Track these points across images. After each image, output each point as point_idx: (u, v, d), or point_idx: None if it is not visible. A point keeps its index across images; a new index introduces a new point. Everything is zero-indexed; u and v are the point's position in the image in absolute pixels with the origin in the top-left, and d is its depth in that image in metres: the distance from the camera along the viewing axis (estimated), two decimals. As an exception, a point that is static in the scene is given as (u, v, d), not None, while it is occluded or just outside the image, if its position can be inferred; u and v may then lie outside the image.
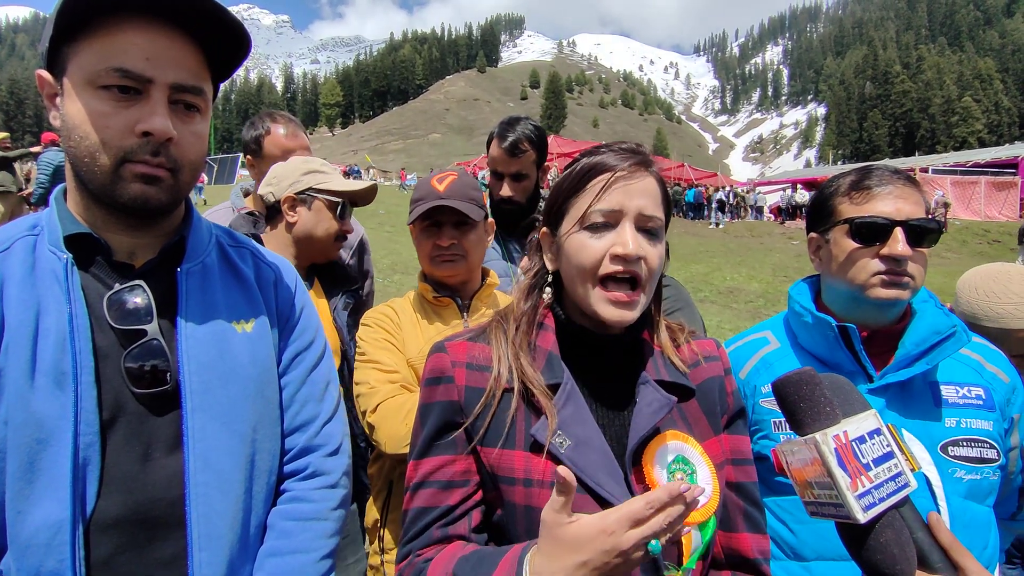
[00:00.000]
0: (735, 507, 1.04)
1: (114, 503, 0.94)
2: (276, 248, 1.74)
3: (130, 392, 0.97)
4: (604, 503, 0.89)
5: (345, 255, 2.35)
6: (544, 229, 1.07)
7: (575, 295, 1.00)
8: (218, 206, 2.56)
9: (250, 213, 2.34)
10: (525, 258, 1.14)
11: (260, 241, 1.70)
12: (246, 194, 2.46)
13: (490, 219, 1.79)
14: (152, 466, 0.97)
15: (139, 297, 1.00)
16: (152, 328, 1.00)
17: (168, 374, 1.00)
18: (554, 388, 0.97)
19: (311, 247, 1.83)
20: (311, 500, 1.13)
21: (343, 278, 1.94)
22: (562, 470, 0.77)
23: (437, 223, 1.64)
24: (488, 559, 0.87)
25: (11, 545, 0.89)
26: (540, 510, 0.85)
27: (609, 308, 0.95)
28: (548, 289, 1.07)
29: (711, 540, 0.96)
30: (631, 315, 0.95)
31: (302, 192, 1.80)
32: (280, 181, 1.83)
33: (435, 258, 1.64)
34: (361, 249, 2.48)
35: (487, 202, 2.24)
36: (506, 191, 2.25)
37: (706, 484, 0.94)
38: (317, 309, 1.86)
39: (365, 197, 1.92)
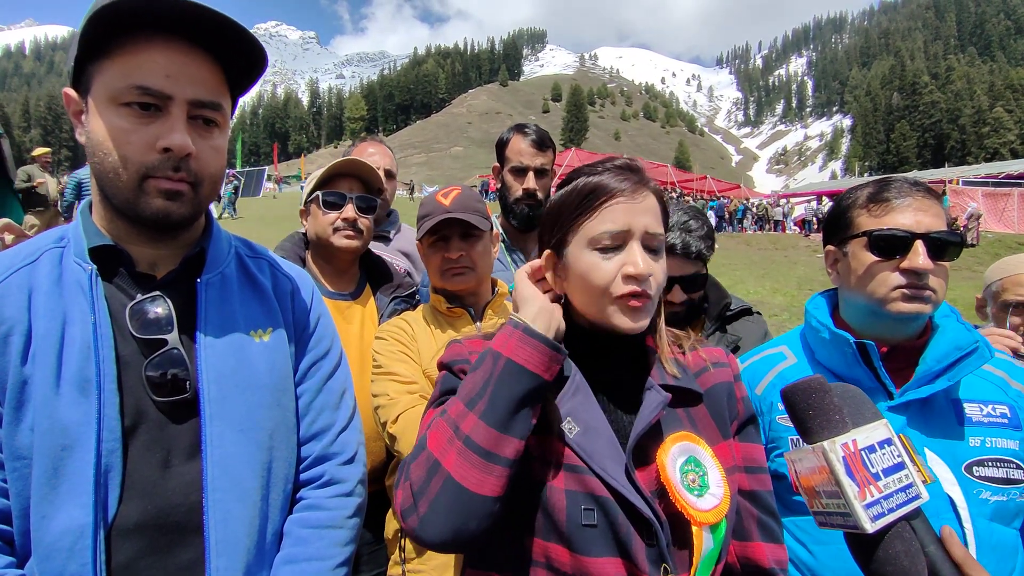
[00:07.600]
0: (749, 516, 1.03)
1: (135, 508, 0.96)
2: (309, 262, 1.95)
3: (151, 400, 1.00)
4: (610, 488, 0.92)
5: (404, 262, 2.47)
6: (548, 251, 1.06)
7: (588, 312, 1.02)
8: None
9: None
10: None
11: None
12: None
13: (496, 230, 1.83)
14: (171, 473, 0.99)
15: (160, 307, 1.03)
16: (172, 338, 1.02)
17: (188, 383, 1.02)
18: (563, 382, 1.01)
19: (323, 248, 1.92)
20: (326, 508, 1.14)
21: (385, 275, 2.04)
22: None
23: (445, 237, 1.68)
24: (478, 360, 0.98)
25: (35, 549, 0.91)
26: (548, 487, 0.94)
27: (624, 318, 0.98)
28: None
29: (723, 546, 0.96)
30: (645, 321, 1.00)
31: (305, 205, 1.95)
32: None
33: (445, 271, 1.68)
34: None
35: (497, 210, 2.26)
36: (530, 183, 2.27)
37: (717, 486, 0.95)
38: (367, 316, 1.92)
39: (351, 172, 1.92)
